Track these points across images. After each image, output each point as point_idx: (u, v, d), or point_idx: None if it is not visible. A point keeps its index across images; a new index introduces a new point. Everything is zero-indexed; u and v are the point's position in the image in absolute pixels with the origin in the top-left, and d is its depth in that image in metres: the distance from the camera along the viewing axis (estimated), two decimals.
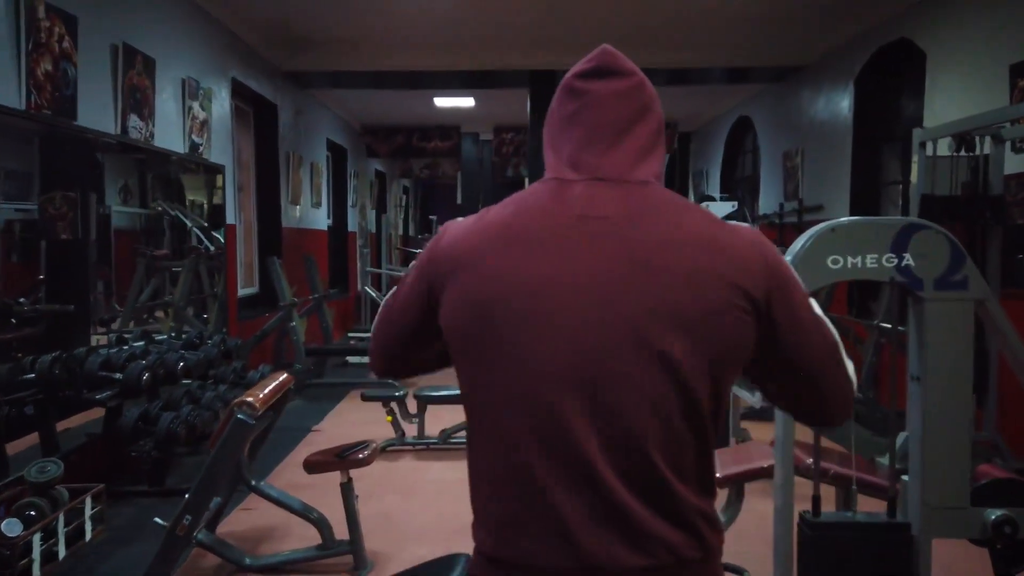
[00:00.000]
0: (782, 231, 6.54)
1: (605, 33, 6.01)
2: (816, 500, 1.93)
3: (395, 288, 1.06)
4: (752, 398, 3.74)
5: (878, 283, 5.07)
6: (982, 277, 1.92)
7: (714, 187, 9.34)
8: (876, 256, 1.87)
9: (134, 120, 3.94)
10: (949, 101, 4.50)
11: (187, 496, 2.39)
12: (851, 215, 5.85)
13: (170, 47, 4.38)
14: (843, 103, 5.92)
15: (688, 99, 8.41)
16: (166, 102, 4.34)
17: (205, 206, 5.35)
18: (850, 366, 0.97)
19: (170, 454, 3.55)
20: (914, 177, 3.85)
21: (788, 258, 1.90)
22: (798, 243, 1.93)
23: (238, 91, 5.87)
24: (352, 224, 9.71)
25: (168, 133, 4.37)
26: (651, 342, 0.85)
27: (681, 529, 0.87)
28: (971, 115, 3.82)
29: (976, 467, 2.02)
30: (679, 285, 0.86)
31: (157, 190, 5.00)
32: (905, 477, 1.99)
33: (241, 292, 6.20)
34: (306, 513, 2.80)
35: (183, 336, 4.36)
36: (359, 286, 9.73)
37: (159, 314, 5.06)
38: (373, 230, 11.42)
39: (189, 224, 5.23)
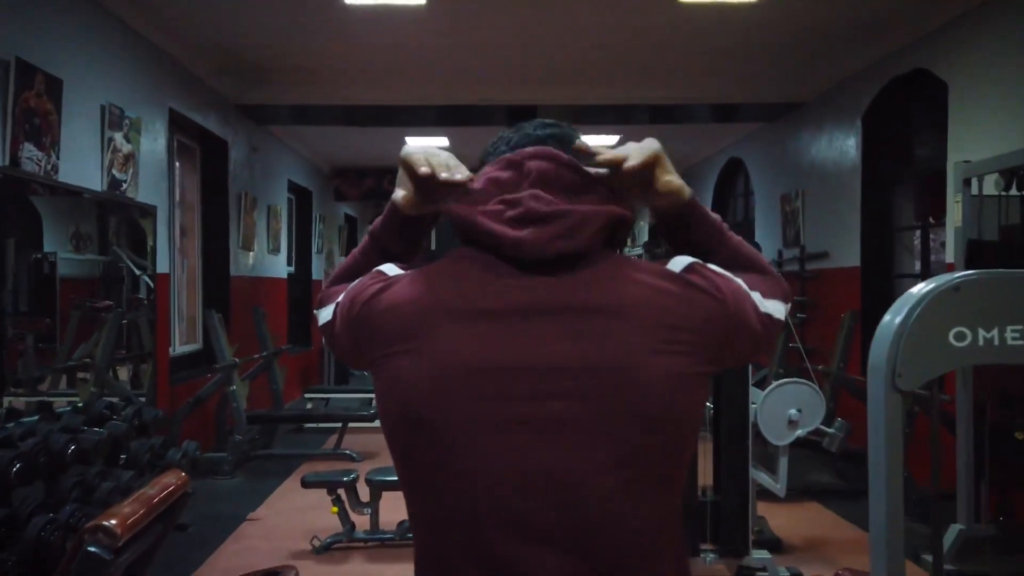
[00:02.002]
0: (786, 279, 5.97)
1: (585, 66, 5.51)
2: None
3: (330, 285, 1.03)
4: (776, 486, 3.08)
5: None
6: None
7: None
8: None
9: (29, 150, 3.28)
10: (981, 135, 3.97)
11: None
12: (862, 263, 5.31)
13: (85, 68, 3.75)
14: (849, 142, 5.41)
15: (674, 140, 7.92)
16: (78, 131, 3.69)
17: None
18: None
19: (42, 573, 2.80)
20: (956, 219, 3.28)
21: (886, 331, 1.27)
22: (900, 309, 1.31)
23: (180, 124, 5.25)
24: (317, 272, 9.04)
25: (80, 167, 3.71)
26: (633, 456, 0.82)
27: None
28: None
29: None
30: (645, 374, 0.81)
31: (122, 236, 4.60)
32: None
33: (181, 350, 5.48)
34: None
35: (101, 404, 3.65)
36: (323, 339, 8.99)
37: (84, 375, 4.38)
38: None
39: (139, 273, 4.59)
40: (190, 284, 5.78)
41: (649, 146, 0.90)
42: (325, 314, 0.99)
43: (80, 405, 3.71)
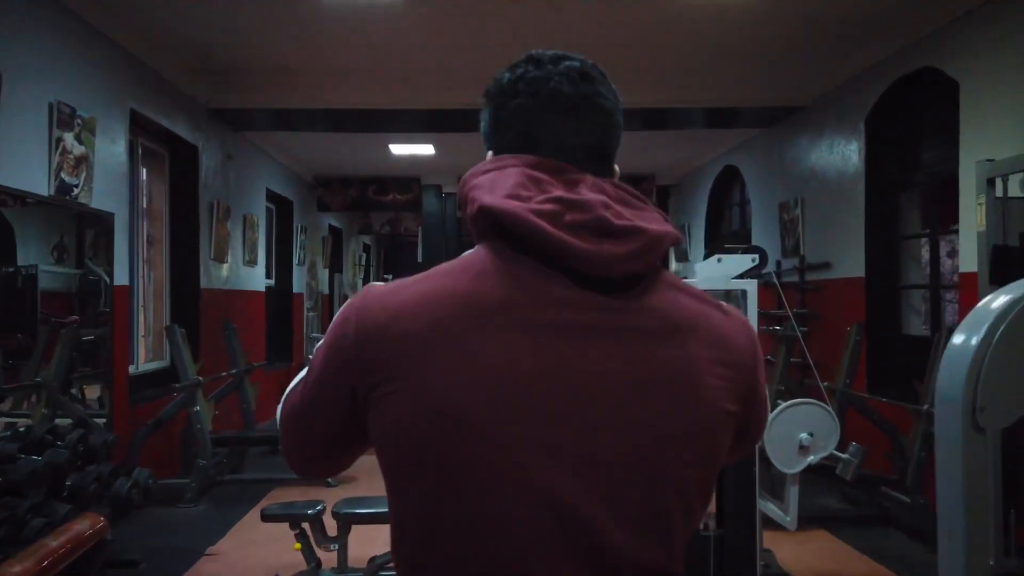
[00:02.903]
0: (781, 291, 5.69)
1: None
2: None
3: (304, 372, 0.83)
4: (786, 519, 2.78)
5: (922, 354, 4.22)
6: None
7: (697, 243, 8.55)
8: None
9: None
10: (997, 134, 3.71)
11: None
12: (867, 273, 5.04)
13: (30, 62, 3.45)
14: (851, 146, 5.16)
15: (667, 147, 7.67)
16: (21, 129, 3.39)
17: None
18: None
19: None
20: (980, 222, 3.00)
21: (960, 356, 0.97)
22: (975, 327, 1.01)
23: (145, 128, 4.95)
24: (298, 285, 8.72)
25: (23, 169, 3.41)
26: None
27: None
28: None
29: None
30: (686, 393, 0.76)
31: (100, 248, 4.36)
32: None
33: (147, 367, 5.15)
34: None
35: (42, 428, 3.32)
36: (304, 354, 8.68)
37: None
38: (326, 291, 10.41)
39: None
40: (157, 297, 5.46)
41: None
42: (291, 391, 0.86)
43: (22, 430, 3.39)
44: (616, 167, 0.85)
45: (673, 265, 9.60)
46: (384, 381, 0.72)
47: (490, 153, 0.84)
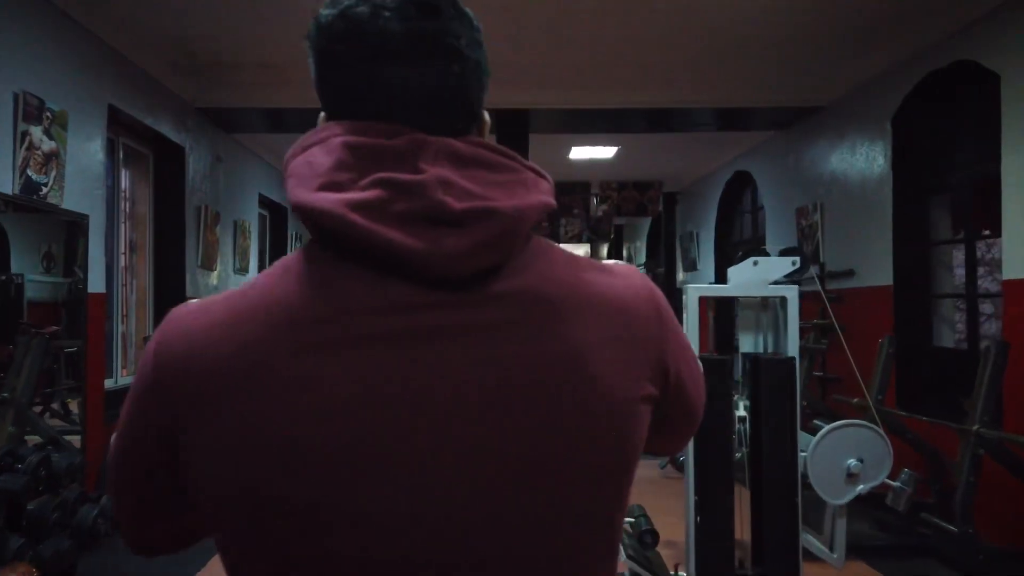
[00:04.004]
0: (826, 297, 5.40)
1: (578, 66, 4.98)
2: None
3: (114, 439, 0.68)
4: (832, 556, 2.47)
5: (970, 367, 3.90)
6: None
7: (707, 252, 8.26)
8: None
9: None
10: None
11: None
12: (895, 281, 4.73)
13: None
14: (876, 147, 4.87)
15: (674, 151, 7.40)
16: None
17: None
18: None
19: None
20: None
21: None
22: None
23: (127, 126, 4.65)
24: None
25: None
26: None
27: None
28: None
29: None
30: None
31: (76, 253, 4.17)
32: None
33: (125, 381, 4.83)
34: None
35: (11, 448, 3.01)
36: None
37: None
38: None
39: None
40: (141, 306, 5.16)
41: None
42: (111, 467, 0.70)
43: None
44: (485, 115, 0.68)
45: (680, 274, 9.31)
46: (188, 426, 0.59)
47: (321, 115, 0.68)
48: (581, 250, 11.90)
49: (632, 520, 2.81)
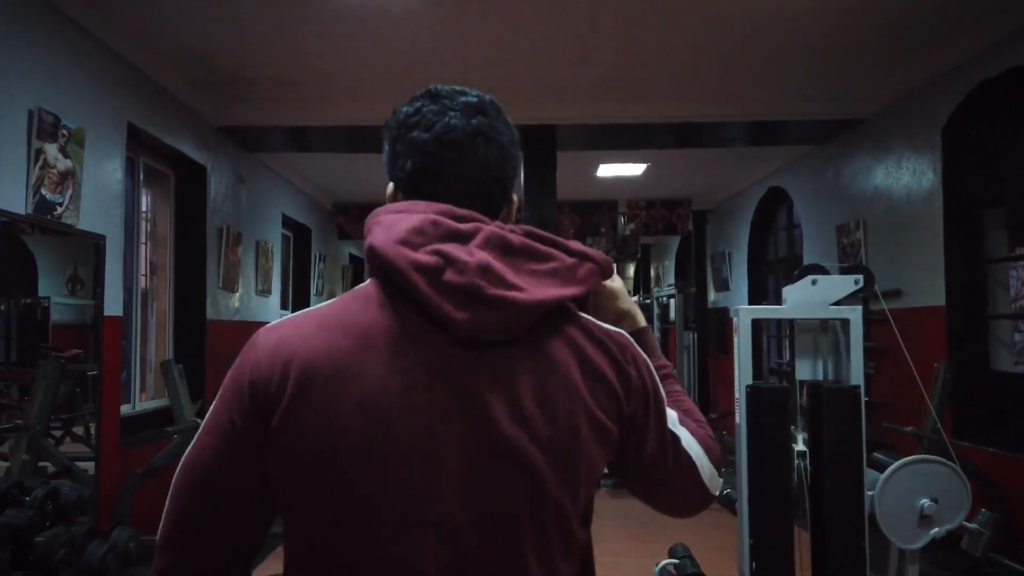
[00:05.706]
0: (891, 317, 5.15)
1: (604, 81, 4.82)
2: None
3: (196, 438, 0.79)
4: None
5: (1016, 393, 3.61)
6: None
7: (739, 272, 8.01)
8: None
9: None
10: None
11: None
12: (947, 302, 4.47)
13: (7, 61, 3.06)
14: (924, 160, 4.63)
15: (704, 168, 7.20)
16: None
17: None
18: (699, 451, 0.89)
19: None
20: None
21: None
22: None
23: (148, 145, 4.57)
24: None
25: None
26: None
27: None
28: None
29: None
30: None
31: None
32: None
33: (145, 406, 4.70)
34: None
35: (6, 482, 2.86)
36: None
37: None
38: None
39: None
40: (161, 329, 5.04)
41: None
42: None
43: None
44: (515, 197, 0.90)
45: (712, 294, 9.05)
46: (284, 410, 0.73)
47: (391, 185, 0.88)
48: None
49: (676, 562, 2.58)
